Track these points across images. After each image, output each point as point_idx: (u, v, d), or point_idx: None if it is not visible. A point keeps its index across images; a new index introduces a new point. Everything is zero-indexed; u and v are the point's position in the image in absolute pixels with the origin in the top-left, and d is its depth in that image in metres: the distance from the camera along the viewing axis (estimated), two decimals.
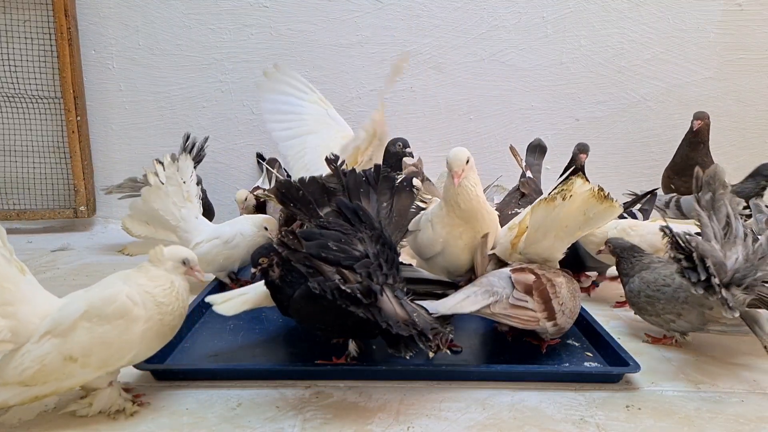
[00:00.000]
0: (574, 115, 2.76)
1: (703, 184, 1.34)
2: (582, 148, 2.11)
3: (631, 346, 1.38)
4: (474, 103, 2.78)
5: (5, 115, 2.71)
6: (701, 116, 2.30)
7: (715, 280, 1.16)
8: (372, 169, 1.36)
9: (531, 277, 1.29)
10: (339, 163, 1.36)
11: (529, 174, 2.13)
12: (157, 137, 2.79)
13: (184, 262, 1.11)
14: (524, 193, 2.03)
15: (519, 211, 1.80)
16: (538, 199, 1.41)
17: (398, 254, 1.27)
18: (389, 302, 1.10)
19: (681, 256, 1.22)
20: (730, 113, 2.75)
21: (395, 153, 1.93)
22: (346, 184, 1.32)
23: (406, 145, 1.97)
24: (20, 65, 2.66)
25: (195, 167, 1.89)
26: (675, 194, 2.20)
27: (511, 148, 2.34)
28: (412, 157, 2.06)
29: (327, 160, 1.36)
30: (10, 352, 0.99)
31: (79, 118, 2.68)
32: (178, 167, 1.76)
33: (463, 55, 2.74)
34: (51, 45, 2.65)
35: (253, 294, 1.37)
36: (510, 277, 1.30)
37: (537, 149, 2.29)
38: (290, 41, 2.72)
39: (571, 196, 1.29)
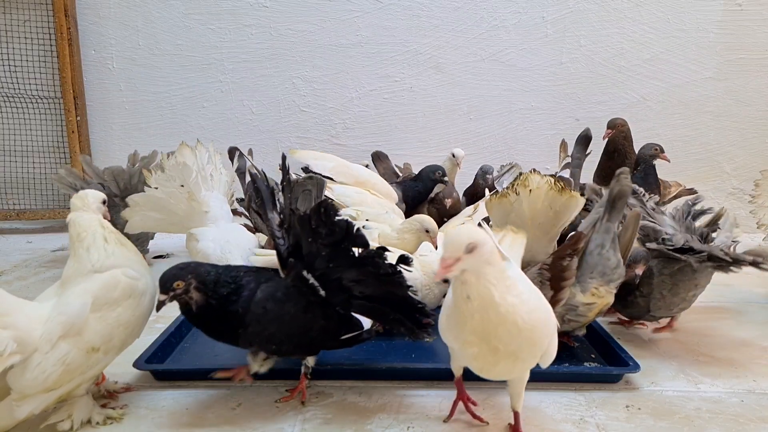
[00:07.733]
0: (574, 115, 2.76)
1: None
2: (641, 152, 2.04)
3: (631, 346, 1.38)
4: (474, 103, 2.79)
5: (5, 115, 2.71)
6: (611, 124, 2.14)
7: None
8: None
9: None
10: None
11: (564, 172, 2.03)
12: (157, 137, 2.79)
13: (104, 202, 1.13)
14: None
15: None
16: (485, 198, 1.36)
17: None
18: None
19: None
20: (730, 113, 2.75)
21: (433, 180, 2.10)
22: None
23: (444, 174, 2.11)
24: (20, 65, 2.67)
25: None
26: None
27: (563, 144, 2.22)
28: (446, 184, 2.15)
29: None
30: (19, 366, 0.93)
31: (79, 118, 2.68)
32: (169, 174, 1.74)
33: (463, 55, 2.74)
34: (51, 45, 2.65)
35: None
36: None
37: (583, 140, 2.14)
38: (290, 41, 2.72)
39: (530, 191, 1.29)
